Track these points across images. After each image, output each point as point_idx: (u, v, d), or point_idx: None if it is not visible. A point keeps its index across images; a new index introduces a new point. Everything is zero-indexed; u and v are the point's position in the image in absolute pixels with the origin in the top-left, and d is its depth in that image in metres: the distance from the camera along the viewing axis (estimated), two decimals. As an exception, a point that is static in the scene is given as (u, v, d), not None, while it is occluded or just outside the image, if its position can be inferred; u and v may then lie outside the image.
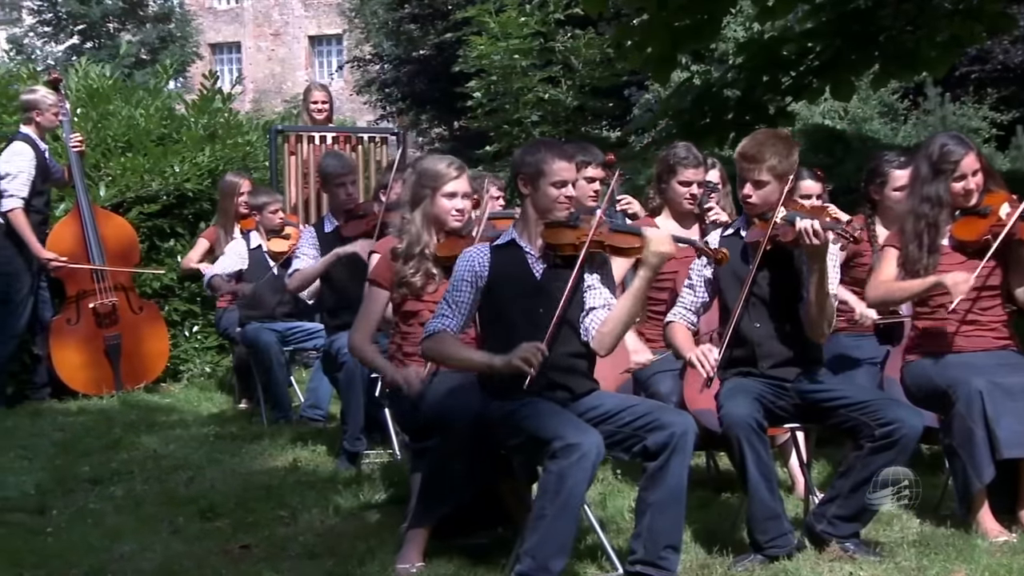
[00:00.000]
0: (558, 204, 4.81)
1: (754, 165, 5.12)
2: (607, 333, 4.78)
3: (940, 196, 5.48)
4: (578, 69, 18.59)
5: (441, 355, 4.89)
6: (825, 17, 9.69)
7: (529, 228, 4.89)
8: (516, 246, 4.89)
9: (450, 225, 5.45)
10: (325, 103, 10.57)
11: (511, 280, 4.82)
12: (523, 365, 4.53)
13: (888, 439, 4.85)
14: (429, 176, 5.45)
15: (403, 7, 26.34)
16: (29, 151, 8.90)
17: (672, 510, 4.60)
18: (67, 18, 36.77)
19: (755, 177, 5.12)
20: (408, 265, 5.42)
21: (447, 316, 4.83)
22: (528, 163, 4.84)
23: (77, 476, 6.71)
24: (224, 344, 9.97)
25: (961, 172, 5.46)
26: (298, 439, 7.54)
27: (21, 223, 8.83)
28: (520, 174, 4.87)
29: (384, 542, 5.27)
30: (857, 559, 4.88)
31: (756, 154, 5.12)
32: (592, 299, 4.85)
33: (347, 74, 35.87)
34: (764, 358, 5.14)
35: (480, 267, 4.83)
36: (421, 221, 5.43)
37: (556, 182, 4.79)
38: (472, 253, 4.90)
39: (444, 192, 5.42)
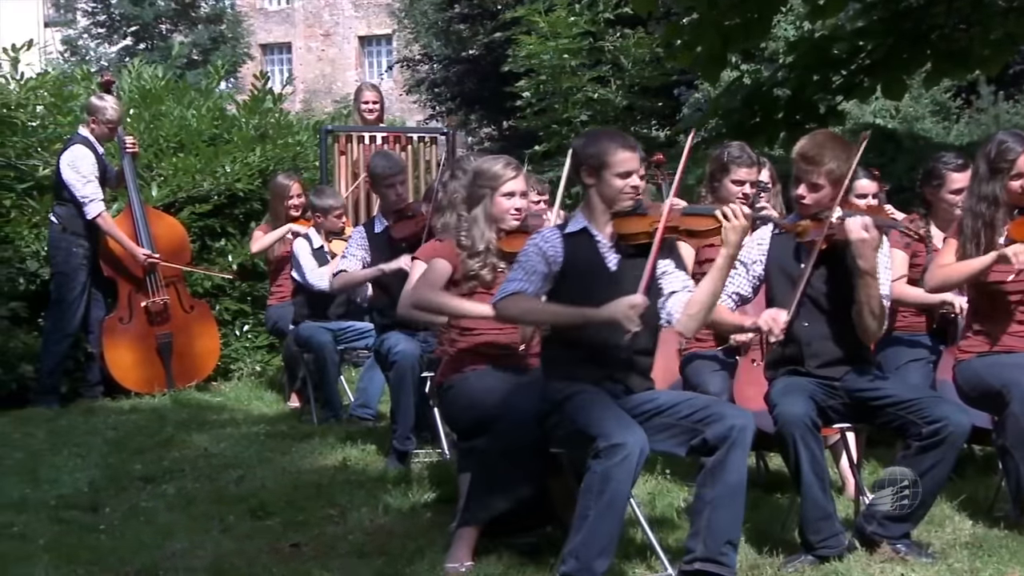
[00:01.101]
0: (623, 195, 4.77)
1: (812, 167, 5.06)
2: (693, 316, 4.75)
3: (996, 195, 5.44)
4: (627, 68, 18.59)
5: (523, 312, 4.79)
6: (877, 15, 9.62)
7: (596, 217, 4.84)
8: (588, 234, 4.84)
9: (509, 224, 5.47)
10: (376, 103, 10.58)
11: (586, 270, 4.77)
12: (627, 321, 4.50)
13: (935, 437, 4.81)
14: (487, 177, 5.48)
15: (453, 7, 26.37)
16: (89, 154, 8.99)
17: (732, 505, 4.57)
18: (120, 19, 37.12)
19: (812, 179, 5.06)
20: (475, 260, 5.45)
21: (521, 281, 4.75)
22: (591, 154, 4.79)
23: (130, 474, 6.75)
24: (274, 343, 10.02)
25: (1018, 170, 5.41)
26: (348, 438, 7.56)
27: (111, 225, 9.01)
28: (583, 165, 4.83)
29: (433, 541, 5.28)
30: (909, 560, 4.84)
31: (816, 156, 5.06)
32: (670, 283, 4.81)
33: (396, 74, 35.97)
34: (812, 357, 5.10)
35: (554, 251, 4.77)
36: (483, 220, 5.47)
37: (621, 172, 4.75)
38: (545, 235, 4.84)
39: (503, 192, 5.45)
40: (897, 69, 9.45)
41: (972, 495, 5.55)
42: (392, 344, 6.86)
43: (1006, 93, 19.89)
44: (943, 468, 4.88)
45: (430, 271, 5.60)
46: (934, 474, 4.87)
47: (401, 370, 6.80)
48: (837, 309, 5.09)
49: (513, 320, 4.98)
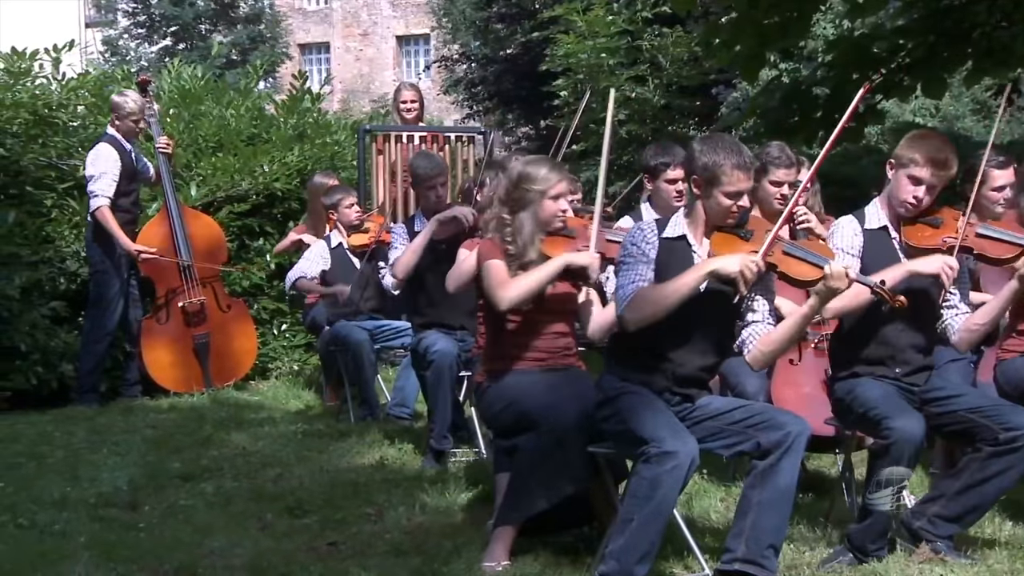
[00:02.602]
0: (730, 214, 4.69)
1: (942, 172, 4.98)
2: (766, 352, 4.71)
3: None
4: (665, 67, 18.51)
5: (650, 304, 4.57)
6: (917, 13, 9.56)
7: (697, 226, 4.77)
8: (686, 242, 4.77)
9: (555, 226, 5.40)
10: (415, 103, 10.58)
11: (675, 276, 4.61)
12: (740, 278, 4.45)
13: (1012, 444, 4.78)
14: (535, 180, 5.36)
15: (491, 6, 26.36)
16: (112, 152, 9.04)
17: (779, 510, 4.54)
18: (160, 20, 37.30)
19: (935, 183, 5.00)
20: (522, 266, 5.32)
21: (636, 280, 4.65)
22: (705, 166, 4.66)
23: (168, 472, 6.79)
24: (312, 342, 10.05)
25: None
26: (385, 437, 7.58)
27: (108, 219, 8.97)
28: (694, 175, 4.73)
29: (470, 540, 5.29)
30: (948, 561, 4.81)
31: (947, 161, 4.98)
32: (752, 313, 4.75)
33: (434, 73, 35.99)
34: (903, 364, 5.04)
35: (650, 247, 4.70)
36: (532, 225, 5.35)
37: (731, 192, 4.64)
38: (644, 232, 4.76)
39: (551, 195, 5.35)
40: (937, 68, 9.38)
41: (1012, 496, 5.50)
42: (430, 343, 6.87)
43: (1048, 92, 19.71)
44: (1011, 476, 4.85)
45: (495, 271, 5.34)
46: (1000, 480, 4.85)
47: (439, 369, 6.80)
48: (930, 318, 5.07)
49: (644, 320, 4.60)
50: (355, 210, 8.75)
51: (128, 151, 9.16)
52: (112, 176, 8.99)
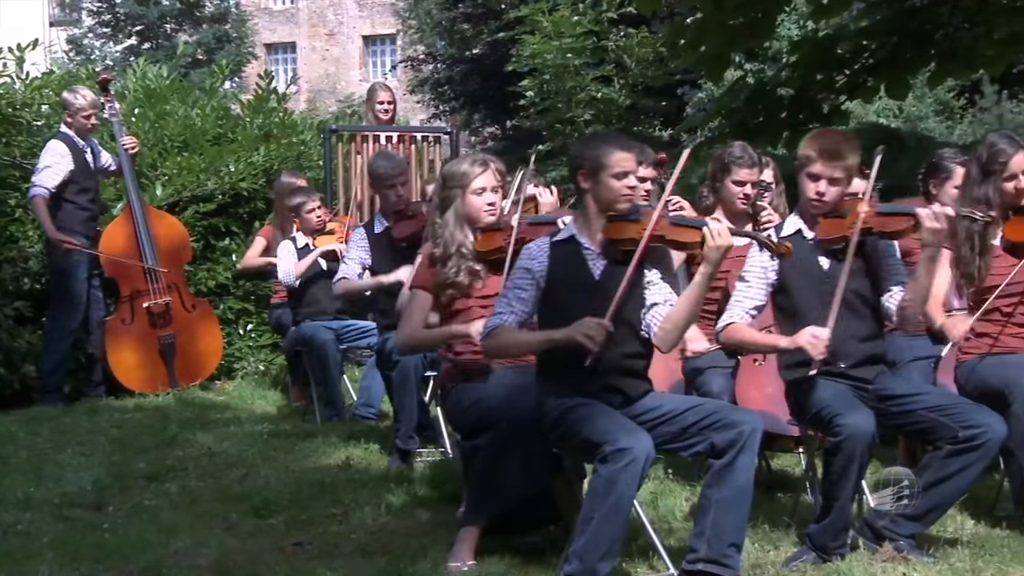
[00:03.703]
0: (621, 196, 4.76)
1: (836, 163, 5.00)
2: (669, 330, 4.72)
3: (989, 197, 5.44)
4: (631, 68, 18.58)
5: (502, 346, 4.84)
6: (881, 15, 9.60)
7: (590, 224, 4.84)
8: (576, 242, 4.85)
9: (484, 221, 5.45)
10: (391, 103, 10.63)
11: (570, 278, 4.78)
12: (586, 341, 4.50)
13: (972, 443, 4.80)
14: (455, 177, 5.48)
15: (457, 6, 26.37)
16: (62, 148, 9.02)
17: (738, 508, 4.58)
18: (125, 19, 37.15)
19: (834, 175, 5.02)
20: (448, 266, 5.42)
21: (505, 312, 4.80)
22: (588, 156, 4.80)
23: (133, 472, 6.77)
24: (277, 342, 10.03)
25: (1011, 172, 5.42)
26: (351, 437, 7.58)
27: (40, 209, 8.92)
28: (580, 169, 4.82)
29: (436, 540, 5.29)
30: (911, 560, 4.84)
31: (838, 151, 5.02)
32: (653, 295, 4.79)
33: (400, 74, 35.97)
34: (846, 357, 5.03)
35: (539, 265, 4.79)
36: (454, 222, 5.44)
37: (617, 173, 4.74)
38: (532, 251, 4.86)
39: (472, 189, 5.44)
40: (901, 68, 9.43)
41: (974, 495, 5.55)
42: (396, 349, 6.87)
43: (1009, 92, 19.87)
44: (970, 474, 4.87)
45: (412, 306, 5.57)
46: (960, 478, 4.87)
47: (404, 369, 6.80)
48: (864, 307, 5.08)
49: (498, 356, 5.02)
50: (317, 215, 8.70)
51: (81, 148, 9.12)
52: (57, 171, 8.95)
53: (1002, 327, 5.47)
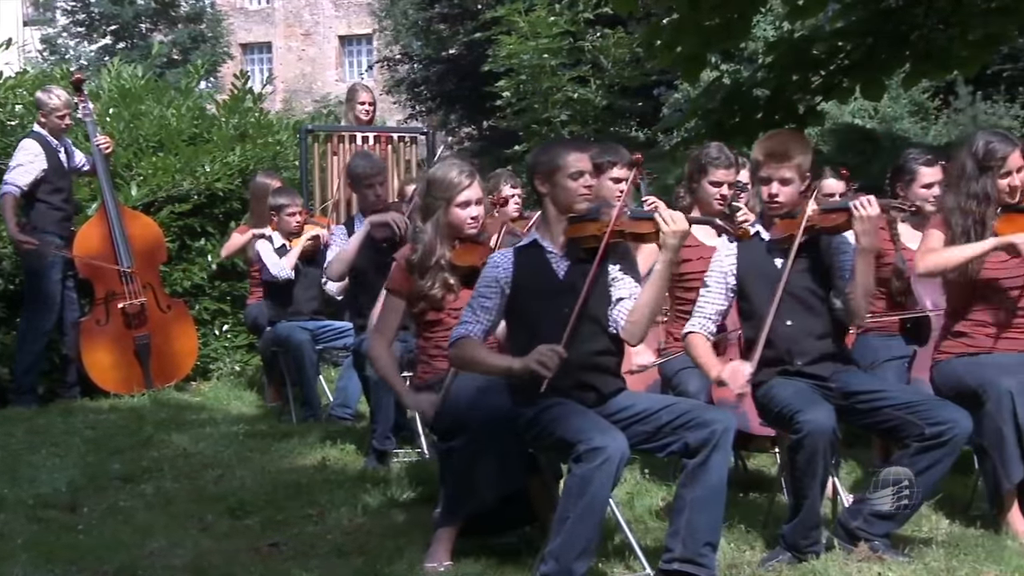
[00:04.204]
0: (578, 196, 4.81)
1: (783, 163, 5.06)
2: (635, 322, 4.75)
3: (988, 192, 5.47)
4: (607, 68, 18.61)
5: (466, 361, 4.88)
6: (856, 16, 9.63)
7: (551, 227, 4.89)
8: (538, 247, 4.89)
9: (466, 233, 5.44)
10: (371, 104, 10.63)
11: (534, 281, 4.82)
12: (540, 368, 4.53)
13: (938, 439, 4.81)
14: (441, 186, 5.41)
15: (433, 7, 26.36)
16: (35, 147, 8.99)
17: (712, 507, 4.59)
18: (100, 18, 36.99)
19: (783, 175, 5.06)
20: (425, 279, 5.41)
21: (470, 322, 4.84)
22: (543, 161, 4.87)
23: (108, 474, 6.74)
24: (253, 342, 10.01)
25: (1008, 168, 5.45)
26: (327, 438, 7.56)
27: (7, 208, 8.88)
28: (536, 174, 4.88)
29: (412, 541, 5.29)
30: (886, 559, 4.85)
31: (784, 151, 5.07)
32: (618, 290, 4.83)
33: (377, 74, 35.92)
34: (800, 355, 5.08)
35: (504, 272, 4.83)
36: (434, 232, 5.41)
37: (573, 173, 4.80)
38: (496, 259, 4.90)
39: (458, 202, 5.40)
40: (876, 70, 9.47)
41: (949, 494, 5.58)
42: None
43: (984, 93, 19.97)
44: (938, 470, 4.88)
45: (387, 311, 5.59)
46: (929, 475, 4.88)
47: (380, 370, 6.79)
48: (818, 304, 5.10)
49: (461, 368, 5.04)
50: (296, 220, 8.68)
51: (55, 148, 9.08)
52: (29, 169, 8.92)
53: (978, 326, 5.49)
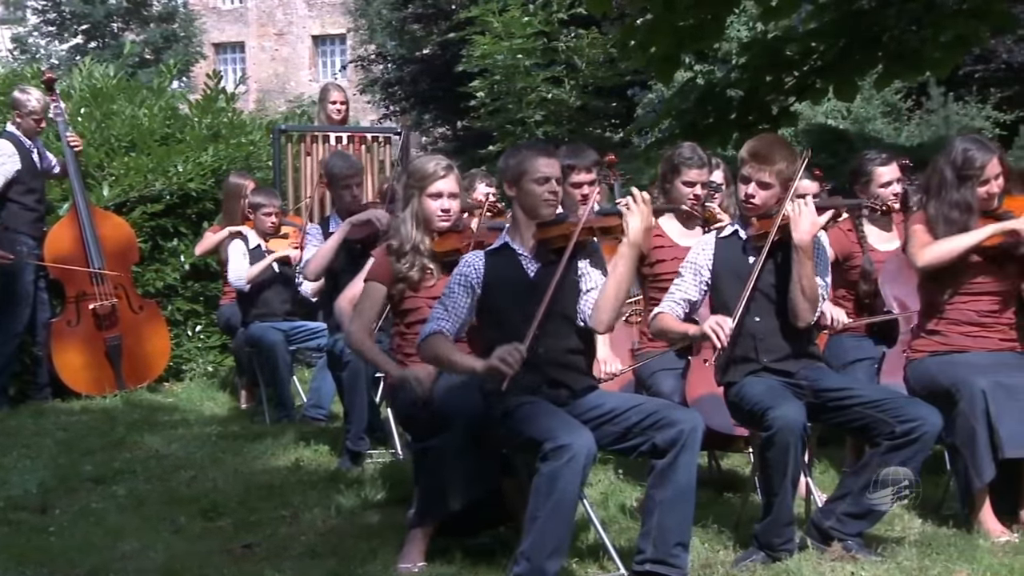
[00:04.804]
0: (543, 201, 4.85)
1: (765, 166, 5.09)
2: (601, 308, 4.78)
3: (968, 201, 5.48)
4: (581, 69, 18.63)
5: (434, 356, 4.89)
6: (829, 17, 9.68)
7: (520, 230, 4.93)
8: (509, 249, 4.93)
9: (436, 225, 5.50)
10: (344, 103, 10.60)
11: (505, 283, 4.85)
12: (501, 366, 4.54)
13: (909, 436, 4.83)
14: (417, 175, 5.54)
15: (407, 7, 26.34)
16: (9, 147, 8.94)
17: (682, 507, 4.60)
18: (71, 17, 36.86)
19: (762, 178, 5.10)
20: (403, 261, 5.47)
21: (441, 319, 4.86)
22: (510, 166, 4.91)
23: (80, 475, 6.71)
24: (227, 343, 9.98)
25: (986, 176, 5.47)
26: (301, 438, 7.54)
27: None
28: (504, 178, 4.93)
29: (386, 542, 5.27)
30: (859, 559, 4.87)
31: (768, 155, 5.10)
32: (585, 283, 4.88)
33: (350, 74, 35.87)
34: (766, 352, 5.12)
35: (475, 274, 4.86)
36: (411, 220, 5.50)
37: (539, 178, 4.83)
38: (467, 260, 4.94)
39: (429, 192, 5.49)
40: (849, 71, 9.52)
41: (921, 494, 5.59)
42: (346, 344, 6.85)
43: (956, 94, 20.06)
44: (911, 468, 4.91)
45: (364, 300, 5.61)
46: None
47: (355, 370, 6.79)
48: (785, 303, 5.11)
49: (430, 363, 5.05)
50: (272, 220, 8.66)
51: (28, 148, 9.04)
52: (3, 171, 8.86)
53: (952, 326, 5.51)
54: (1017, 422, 5.16)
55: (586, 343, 4.91)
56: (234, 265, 8.49)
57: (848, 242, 6.47)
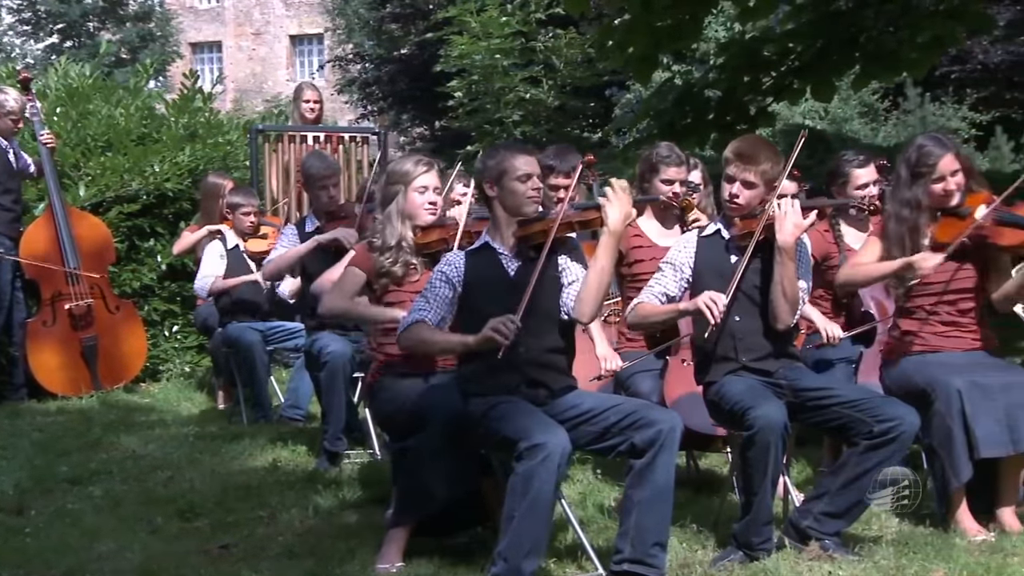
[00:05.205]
0: (527, 199, 4.86)
1: (749, 166, 5.10)
2: (584, 300, 4.78)
3: (918, 199, 5.50)
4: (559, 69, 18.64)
5: (419, 342, 4.86)
6: (806, 18, 9.70)
7: (501, 230, 4.93)
8: (489, 248, 4.93)
9: (423, 219, 5.54)
10: (317, 102, 10.60)
11: (486, 282, 4.85)
12: (496, 336, 4.53)
13: (887, 436, 4.85)
14: (398, 174, 5.58)
15: (384, 6, 26.32)
16: None
17: (660, 507, 4.60)
18: (47, 17, 36.72)
19: (747, 178, 5.11)
20: (386, 256, 5.50)
21: (424, 310, 4.84)
22: (490, 166, 4.90)
23: (56, 476, 6.68)
24: (204, 343, 9.95)
25: (939, 174, 5.47)
26: (278, 439, 7.52)
27: None
28: (485, 178, 4.92)
29: (364, 542, 5.27)
30: (836, 558, 4.88)
31: (753, 155, 5.11)
32: (566, 277, 4.89)
33: (328, 73, 35.82)
34: (745, 351, 5.13)
35: (455, 273, 4.86)
36: (395, 217, 5.53)
37: (520, 176, 4.84)
38: (448, 259, 4.94)
39: (415, 187, 5.53)
40: (826, 71, 9.54)
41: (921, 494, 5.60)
42: (323, 345, 6.84)
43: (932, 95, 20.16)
44: (888, 467, 4.94)
45: (344, 278, 5.67)
46: (877, 473, 4.92)
47: (332, 370, 6.78)
48: (765, 303, 5.13)
49: (412, 351, 5.01)
50: (251, 220, 8.65)
51: (4, 149, 9.00)
52: None
53: (926, 326, 5.53)
54: (993, 421, 5.18)
55: (567, 342, 4.91)
56: (204, 270, 8.49)
57: (825, 243, 6.48)
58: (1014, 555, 4.94)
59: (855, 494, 4.98)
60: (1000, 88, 21.39)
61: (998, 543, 5.11)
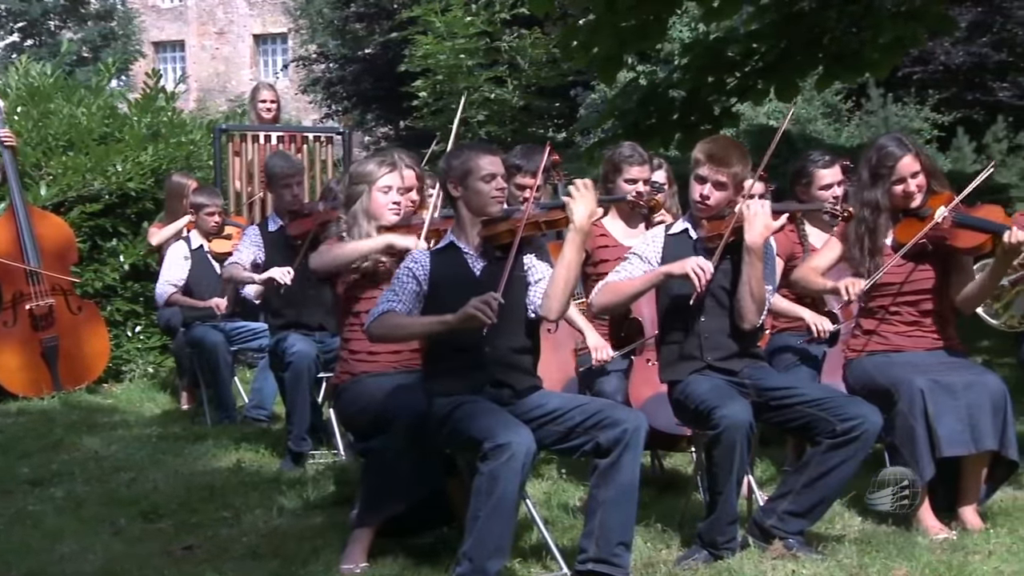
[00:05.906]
0: (491, 198, 4.86)
1: (721, 167, 5.11)
2: (551, 296, 4.76)
3: (878, 201, 5.52)
4: (524, 69, 18.65)
5: (391, 329, 4.82)
6: (770, 18, 9.75)
7: (466, 230, 4.93)
8: (455, 248, 4.93)
9: (387, 219, 5.55)
10: (273, 102, 10.57)
11: (451, 281, 4.83)
12: (479, 314, 4.51)
13: (850, 435, 4.88)
14: (362, 175, 5.59)
15: (348, 6, 26.27)
16: None
17: (624, 507, 4.61)
18: (7, 15, 36.43)
19: (719, 179, 5.12)
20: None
21: (392, 302, 4.83)
22: (454, 166, 4.89)
23: (17, 477, 6.64)
24: (167, 344, 9.90)
25: (899, 175, 5.49)
26: (242, 439, 7.50)
27: None
28: (449, 178, 4.90)
29: (328, 542, 5.26)
30: (799, 557, 4.89)
31: (724, 157, 5.12)
32: (533, 275, 4.89)
33: (292, 73, 35.73)
34: (711, 350, 5.15)
35: (421, 269, 4.85)
36: (362, 216, 5.54)
37: (485, 176, 4.84)
38: (414, 256, 4.94)
39: (379, 187, 5.55)
40: (790, 72, 9.58)
41: (861, 492, 5.63)
42: (288, 345, 6.83)
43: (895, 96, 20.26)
44: (850, 466, 4.95)
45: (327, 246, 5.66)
46: (842, 471, 4.94)
47: (297, 371, 6.76)
48: (731, 303, 5.15)
49: (384, 339, 4.97)
50: (215, 220, 8.62)
51: None
52: None
53: (888, 325, 5.55)
54: (955, 420, 5.20)
55: (532, 342, 4.92)
56: (166, 273, 8.46)
57: (790, 242, 6.50)
58: (976, 553, 4.97)
59: (818, 493, 5.00)
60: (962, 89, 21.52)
61: (960, 541, 5.13)
